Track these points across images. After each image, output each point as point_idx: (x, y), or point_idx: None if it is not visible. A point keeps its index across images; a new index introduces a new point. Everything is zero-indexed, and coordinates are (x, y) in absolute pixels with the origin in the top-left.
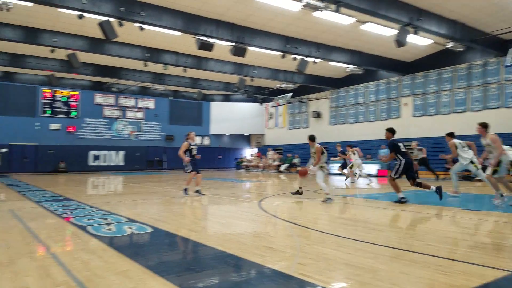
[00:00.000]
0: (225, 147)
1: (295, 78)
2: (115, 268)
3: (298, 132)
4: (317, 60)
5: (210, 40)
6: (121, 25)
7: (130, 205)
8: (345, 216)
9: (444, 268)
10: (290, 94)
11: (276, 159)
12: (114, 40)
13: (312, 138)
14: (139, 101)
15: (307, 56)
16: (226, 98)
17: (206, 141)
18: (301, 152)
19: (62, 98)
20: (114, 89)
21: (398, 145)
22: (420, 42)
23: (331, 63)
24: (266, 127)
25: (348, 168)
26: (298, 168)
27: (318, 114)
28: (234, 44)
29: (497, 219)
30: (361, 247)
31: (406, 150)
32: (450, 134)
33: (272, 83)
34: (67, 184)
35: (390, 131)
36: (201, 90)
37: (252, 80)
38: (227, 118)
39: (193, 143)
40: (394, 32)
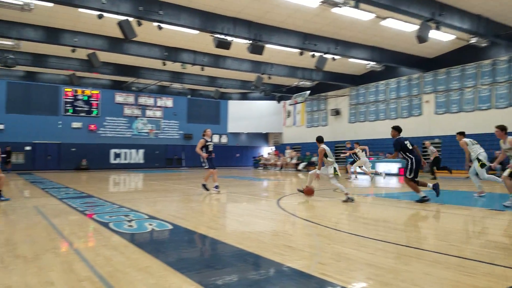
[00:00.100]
0: (242, 146)
1: (314, 76)
2: (137, 264)
3: (316, 130)
4: (336, 57)
5: (228, 38)
6: (139, 24)
7: (150, 202)
8: (365, 215)
9: (467, 269)
10: (308, 91)
11: (294, 157)
12: (133, 39)
13: (318, 139)
14: (158, 99)
15: (326, 53)
16: (244, 96)
17: (224, 139)
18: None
19: (84, 97)
20: (134, 88)
21: (405, 143)
22: (442, 38)
23: (351, 60)
24: (284, 125)
25: (349, 164)
26: (303, 188)
27: (337, 112)
28: (251, 41)
29: None
30: (382, 247)
31: (413, 147)
32: (461, 133)
33: (290, 81)
34: (89, 181)
35: (396, 129)
36: (218, 89)
37: (269, 78)
38: (245, 116)
39: (209, 140)
40: (415, 27)
